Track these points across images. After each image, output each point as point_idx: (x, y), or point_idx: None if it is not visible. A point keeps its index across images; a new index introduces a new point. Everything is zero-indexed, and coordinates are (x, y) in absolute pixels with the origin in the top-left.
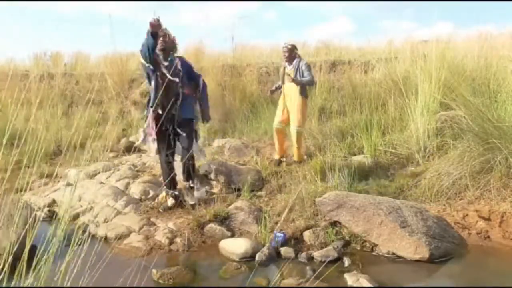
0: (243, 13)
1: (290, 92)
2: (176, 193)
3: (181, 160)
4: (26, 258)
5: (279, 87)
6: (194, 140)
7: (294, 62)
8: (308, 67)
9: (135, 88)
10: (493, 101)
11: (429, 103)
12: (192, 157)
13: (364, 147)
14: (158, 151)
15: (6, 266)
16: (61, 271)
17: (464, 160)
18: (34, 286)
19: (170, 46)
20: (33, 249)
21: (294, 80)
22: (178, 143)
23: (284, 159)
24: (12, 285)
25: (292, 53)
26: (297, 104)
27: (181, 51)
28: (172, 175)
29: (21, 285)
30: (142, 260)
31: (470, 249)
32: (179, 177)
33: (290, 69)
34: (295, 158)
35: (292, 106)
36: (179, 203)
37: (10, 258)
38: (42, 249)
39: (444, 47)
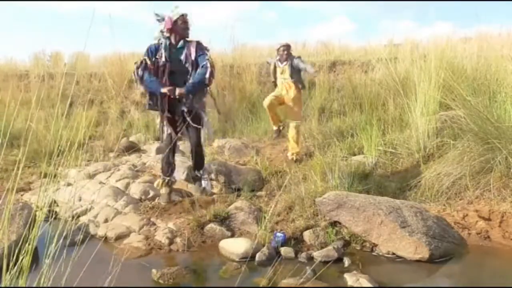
0: (239, 15)
1: (286, 86)
2: (173, 180)
3: (190, 150)
4: (24, 258)
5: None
6: (204, 129)
7: (287, 60)
8: (301, 60)
9: (135, 88)
10: (492, 101)
11: (429, 103)
12: (201, 146)
13: (364, 147)
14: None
15: (5, 266)
16: (60, 271)
17: (464, 160)
18: (33, 286)
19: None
20: (32, 248)
21: (300, 86)
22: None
23: (282, 127)
24: (10, 285)
25: (289, 51)
26: (293, 98)
27: None
28: (172, 162)
29: (20, 285)
30: (142, 260)
31: (470, 249)
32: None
33: (282, 66)
34: (292, 154)
35: (288, 99)
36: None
37: (10, 258)
38: (41, 248)
39: (444, 47)
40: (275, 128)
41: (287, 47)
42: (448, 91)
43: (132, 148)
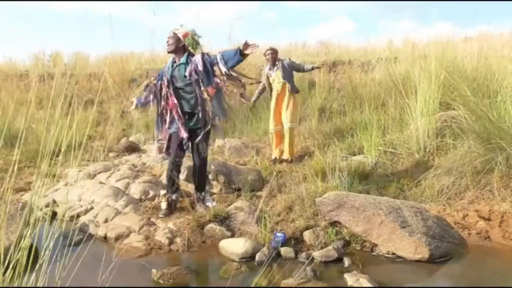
0: (240, 14)
1: (280, 93)
2: (173, 197)
3: (194, 165)
4: (25, 258)
5: (261, 93)
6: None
7: (276, 65)
8: (293, 62)
9: (135, 88)
10: (493, 101)
11: (429, 103)
12: (205, 162)
13: (364, 147)
14: (167, 152)
15: (5, 266)
16: (60, 271)
17: (465, 160)
18: (34, 286)
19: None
20: (32, 248)
21: (291, 89)
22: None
23: (279, 159)
24: (11, 285)
25: (276, 56)
26: (288, 102)
27: None
28: (176, 181)
29: (21, 285)
30: (142, 260)
31: (470, 249)
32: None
33: (274, 74)
34: (286, 155)
35: (284, 104)
36: (174, 205)
37: (9, 258)
38: (41, 249)
39: (444, 47)
40: (273, 156)
41: (274, 51)
42: (449, 91)
43: (132, 148)
